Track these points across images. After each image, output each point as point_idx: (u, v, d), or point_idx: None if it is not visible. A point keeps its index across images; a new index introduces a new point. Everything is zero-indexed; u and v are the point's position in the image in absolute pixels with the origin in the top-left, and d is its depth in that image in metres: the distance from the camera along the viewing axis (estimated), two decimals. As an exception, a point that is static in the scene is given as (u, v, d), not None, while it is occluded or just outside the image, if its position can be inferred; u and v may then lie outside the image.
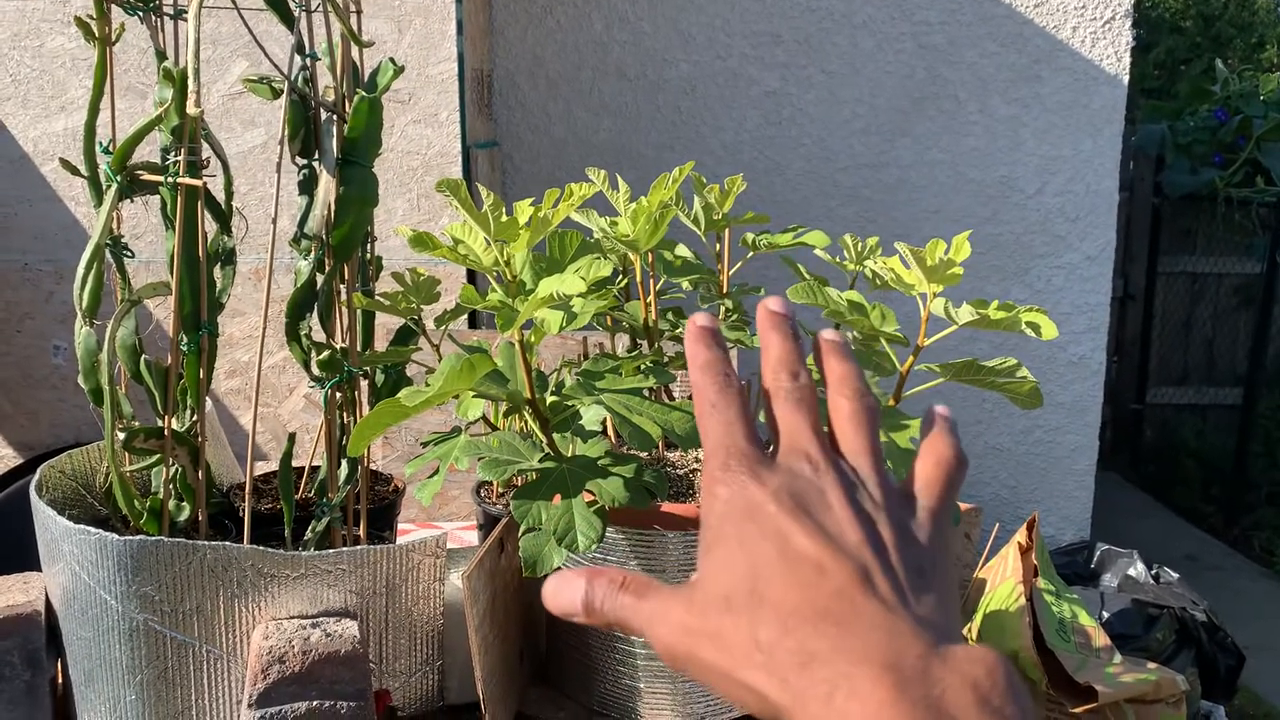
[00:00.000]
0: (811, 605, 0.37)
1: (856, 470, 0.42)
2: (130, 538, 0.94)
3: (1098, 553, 2.80)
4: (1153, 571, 2.68)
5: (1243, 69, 5.46)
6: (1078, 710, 1.80)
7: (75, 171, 1.03)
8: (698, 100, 2.93)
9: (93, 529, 0.96)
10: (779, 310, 0.45)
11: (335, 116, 1.07)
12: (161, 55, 1.06)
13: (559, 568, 0.94)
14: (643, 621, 0.42)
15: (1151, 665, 2.04)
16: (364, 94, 1.04)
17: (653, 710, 1.08)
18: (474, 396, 0.98)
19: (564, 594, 0.43)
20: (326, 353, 1.07)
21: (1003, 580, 2.13)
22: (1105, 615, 2.42)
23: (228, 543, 0.97)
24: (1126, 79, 2.98)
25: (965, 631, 1.53)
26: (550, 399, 0.98)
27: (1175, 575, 2.67)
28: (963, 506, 1.39)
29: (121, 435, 1.02)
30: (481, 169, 2.39)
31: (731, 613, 0.39)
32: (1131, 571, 2.70)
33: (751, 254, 1.21)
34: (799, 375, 0.44)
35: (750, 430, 0.43)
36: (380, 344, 1.26)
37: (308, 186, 1.08)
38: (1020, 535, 2.17)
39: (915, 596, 0.38)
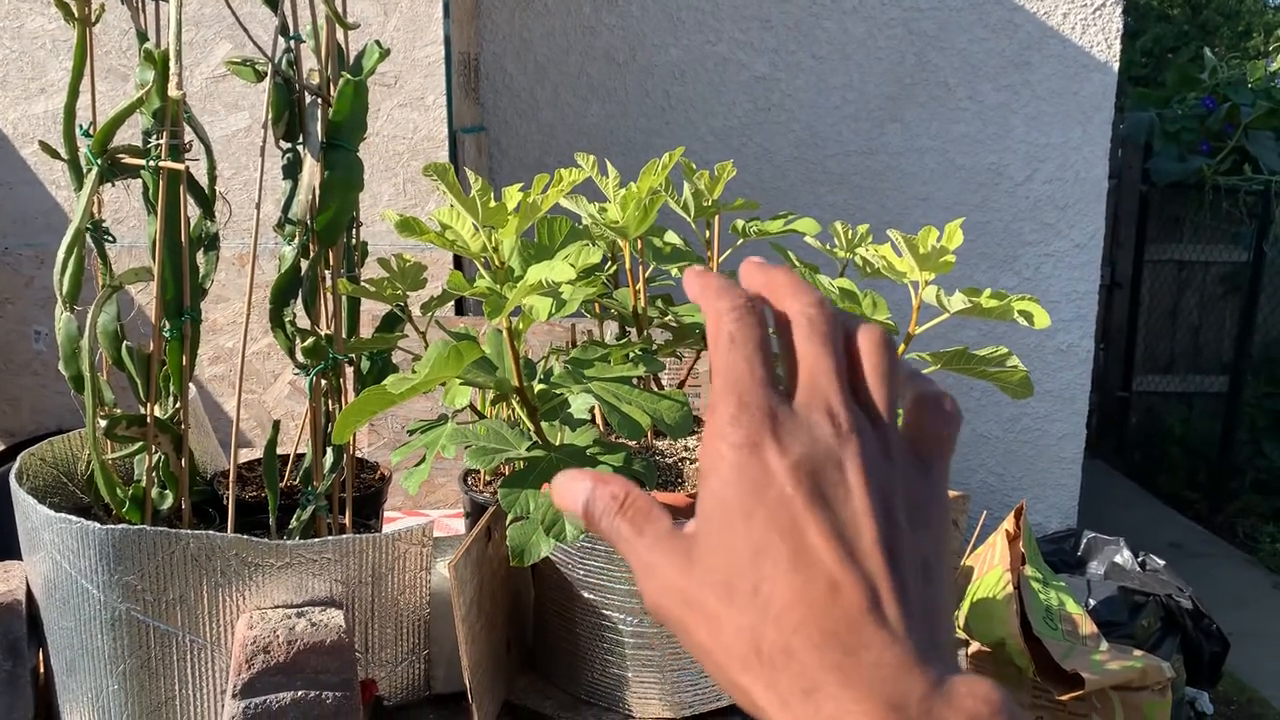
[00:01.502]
0: (819, 626, 0.36)
1: (874, 425, 0.39)
2: (112, 526, 0.93)
3: (1084, 540, 2.81)
4: (1139, 559, 2.69)
5: (1229, 57, 5.47)
6: (1064, 698, 1.80)
7: (55, 154, 1.01)
8: (687, 85, 2.91)
9: (74, 517, 0.94)
10: (764, 262, 0.42)
11: (320, 100, 1.05)
12: (143, 37, 1.04)
13: (546, 556, 0.93)
14: (634, 561, 0.39)
15: (1137, 652, 2.05)
16: (349, 77, 1.03)
17: (640, 699, 1.08)
18: (461, 384, 0.97)
19: (567, 495, 0.41)
20: (311, 339, 1.06)
21: (990, 568, 2.13)
22: (1092, 603, 2.43)
23: (211, 531, 0.96)
24: (1116, 66, 2.98)
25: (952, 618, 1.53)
26: (538, 387, 0.97)
27: (1161, 563, 2.68)
28: (951, 494, 1.38)
29: (103, 422, 1.00)
30: (468, 154, 2.37)
31: (733, 605, 0.37)
32: (1118, 559, 2.71)
33: (741, 241, 1.20)
34: (824, 302, 0.39)
35: (770, 372, 0.38)
36: (366, 330, 1.25)
37: (292, 171, 1.07)
38: (1008, 523, 2.17)
39: (920, 608, 0.37)
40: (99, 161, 0.97)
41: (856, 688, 0.35)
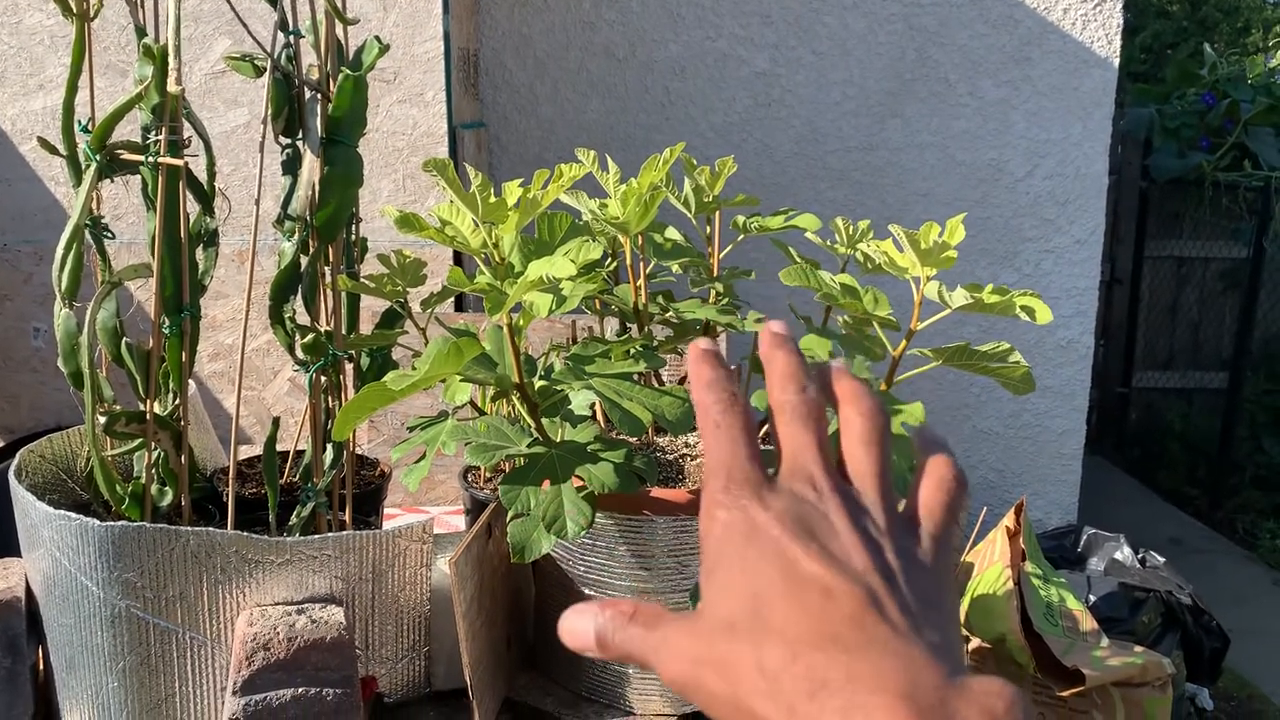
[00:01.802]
0: (819, 631, 0.36)
1: (862, 495, 0.41)
2: (112, 523, 0.93)
3: (1085, 536, 2.81)
4: (1139, 555, 2.69)
5: (1229, 53, 5.46)
6: (1065, 694, 1.80)
7: (54, 150, 1.00)
8: (687, 81, 2.90)
9: (73, 514, 0.94)
10: (783, 331, 0.44)
11: (319, 95, 1.05)
12: (141, 32, 1.04)
13: (547, 553, 0.93)
14: (649, 652, 0.40)
15: (1138, 648, 2.05)
16: (348, 72, 1.02)
17: (641, 696, 1.07)
18: (461, 381, 0.96)
19: (578, 629, 0.42)
20: (311, 335, 1.06)
21: (990, 564, 2.13)
22: (1092, 599, 2.43)
23: (211, 528, 0.96)
24: (1117, 62, 2.97)
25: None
26: (539, 383, 0.97)
27: (1161, 559, 2.68)
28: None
29: (102, 419, 1.00)
30: (468, 149, 2.37)
31: (735, 639, 0.37)
32: (1118, 555, 2.70)
33: (742, 237, 1.20)
34: (806, 389, 0.43)
35: (754, 451, 0.41)
36: (366, 327, 1.25)
37: (291, 166, 1.06)
38: (1008, 519, 2.17)
39: (925, 621, 0.37)
40: (97, 157, 0.97)
41: (865, 680, 0.34)
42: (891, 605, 0.36)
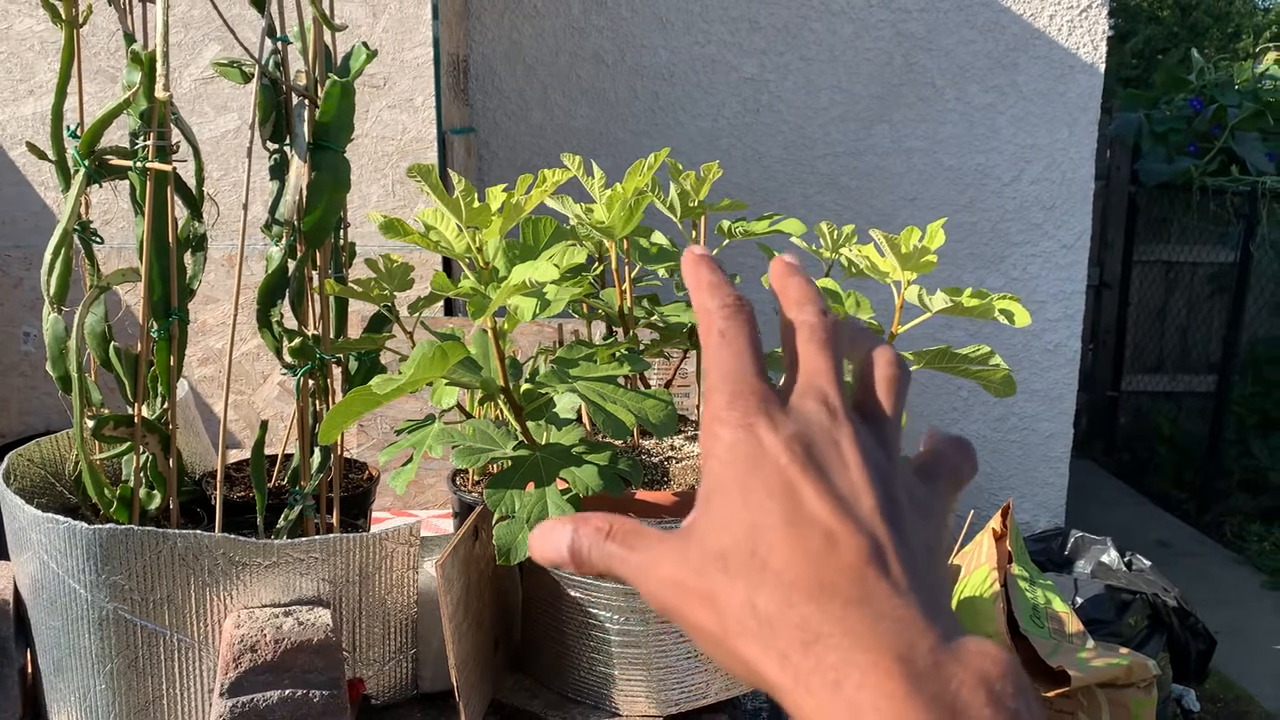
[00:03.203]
0: (818, 579, 0.34)
1: (875, 433, 0.39)
2: (100, 526, 0.93)
3: (1071, 539, 2.82)
4: (1125, 558, 2.70)
5: (1219, 58, 5.49)
6: (1051, 694, 1.81)
7: (42, 156, 1.01)
8: (676, 86, 2.92)
9: (61, 517, 0.95)
10: (795, 261, 0.43)
11: (307, 101, 1.06)
12: (130, 38, 1.04)
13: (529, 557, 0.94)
14: (630, 572, 0.39)
15: (1124, 650, 2.07)
16: (336, 78, 1.03)
17: (628, 697, 1.08)
18: (447, 384, 0.97)
19: (549, 542, 0.40)
20: (298, 340, 1.07)
21: (977, 566, 2.14)
22: (1078, 601, 2.44)
23: (199, 531, 0.96)
24: (1103, 68, 2.99)
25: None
26: (524, 387, 0.98)
27: (1148, 562, 2.70)
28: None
29: (90, 423, 1.01)
30: (458, 155, 2.38)
31: (728, 574, 0.36)
32: (1105, 558, 2.72)
33: (727, 241, 1.21)
34: (826, 312, 0.41)
35: (761, 364, 0.39)
36: (355, 331, 1.25)
37: (279, 172, 1.07)
38: (995, 522, 2.18)
39: (925, 577, 0.36)
40: (86, 163, 0.98)
41: (861, 637, 0.33)
42: (893, 559, 0.35)
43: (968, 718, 0.32)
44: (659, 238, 1.19)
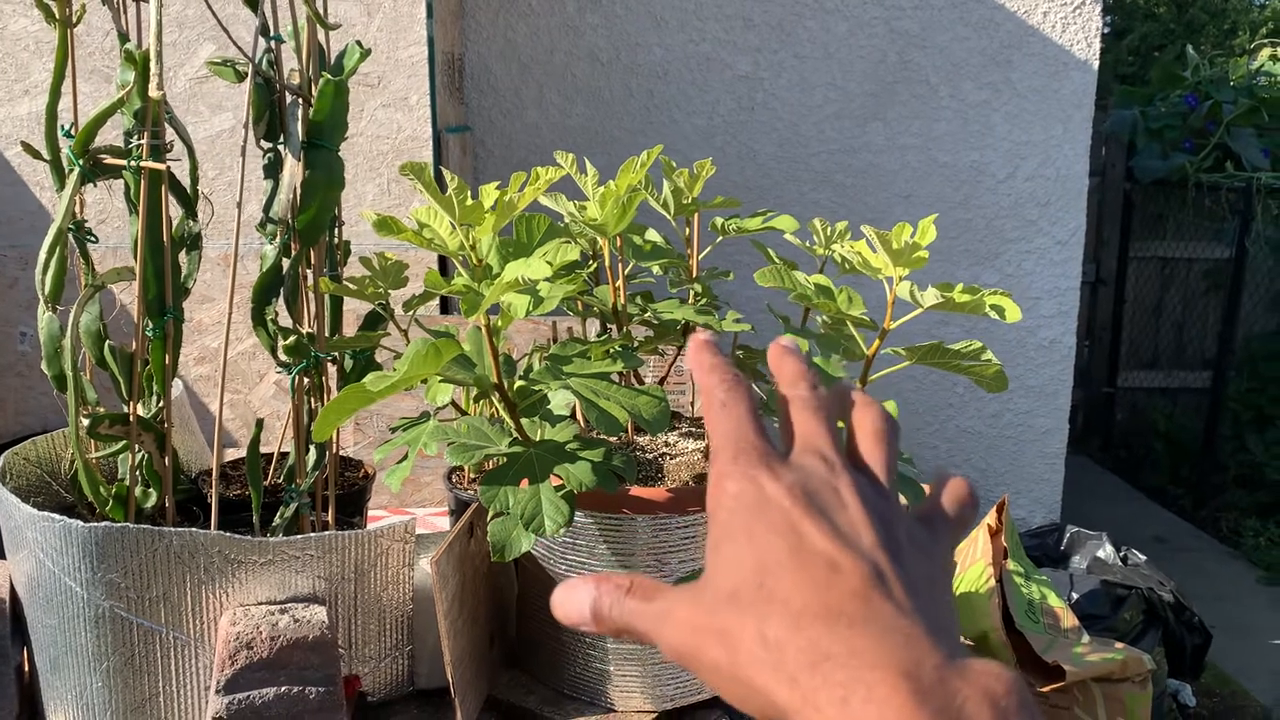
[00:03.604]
0: (824, 604, 0.36)
1: (872, 482, 0.41)
2: (95, 524, 0.94)
3: (1067, 535, 2.83)
4: (1121, 553, 2.71)
5: (1215, 55, 5.50)
6: (1046, 689, 1.82)
7: (37, 155, 1.01)
8: (670, 84, 2.92)
9: (57, 516, 0.95)
10: (791, 344, 0.45)
11: (301, 100, 1.06)
12: (124, 38, 1.05)
13: (528, 551, 0.94)
14: (650, 624, 0.40)
15: (1119, 645, 2.07)
16: (329, 77, 1.03)
17: (623, 693, 1.09)
18: (441, 381, 0.98)
19: (571, 603, 0.42)
20: (293, 338, 1.07)
21: (973, 562, 2.15)
22: (1074, 596, 2.44)
23: (194, 529, 0.96)
24: (1097, 64, 3.00)
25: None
26: (518, 384, 0.98)
27: (1143, 557, 2.70)
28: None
29: (86, 421, 1.01)
30: (453, 153, 2.38)
31: (738, 610, 0.37)
32: (1100, 553, 2.73)
33: (721, 238, 1.21)
34: (817, 387, 0.43)
35: (760, 426, 0.42)
36: (350, 329, 1.26)
37: (273, 170, 1.07)
38: (990, 518, 2.19)
39: (928, 602, 0.37)
40: (80, 162, 0.98)
41: (867, 654, 0.34)
42: (896, 583, 0.37)
43: None
44: (653, 235, 1.19)
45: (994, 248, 3.08)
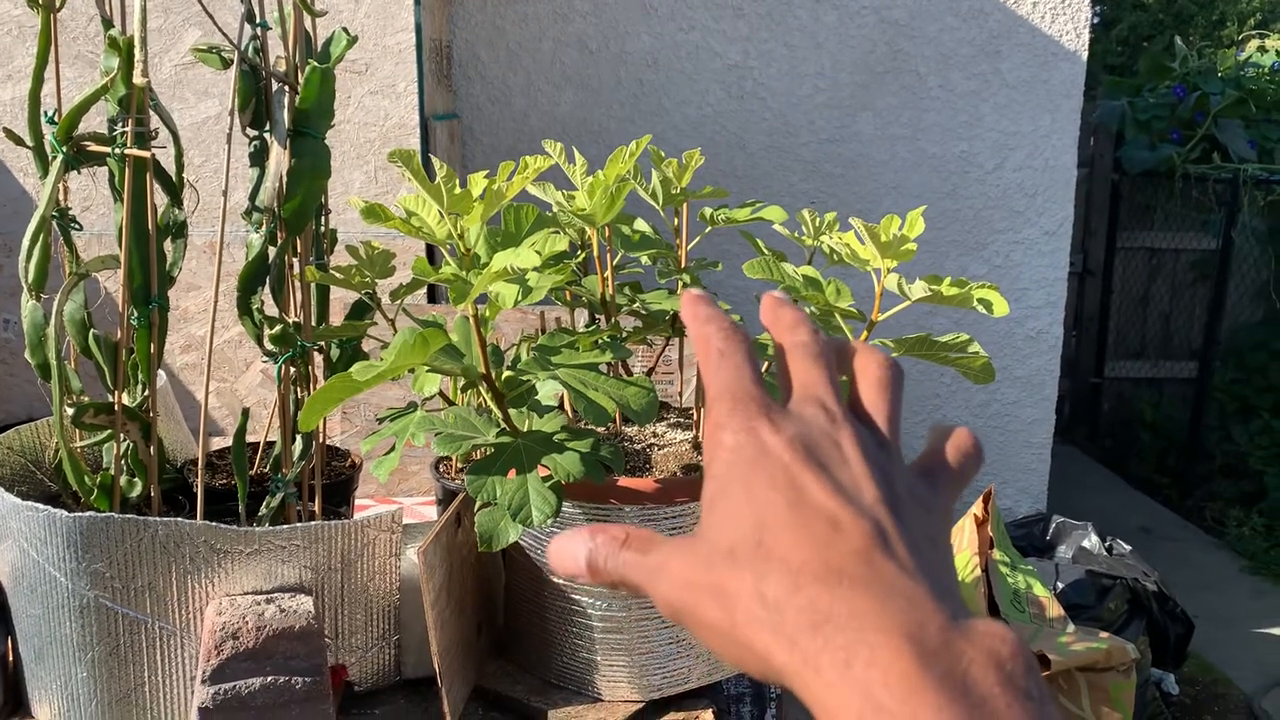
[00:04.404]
0: (824, 563, 0.35)
1: (874, 433, 0.40)
2: (80, 514, 0.93)
3: (1053, 525, 2.85)
4: (1106, 543, 2.73)
5: (1203, 46, 5.51)
6: (1031, 679, 1.83)
7: (20, 141, 1.00)
8: (660, 73, 2.91)
9: (41, 505, 0.94)
10: (784, 296, 0.44)
11: (287, 87, 1.05)
12: (108, 23, 1.04)
13: (515, 541, 0.94)
14: (644, 576, 0.39)
15: (1103, 634, 2.08)
16: (315, 64, 1.03)
17: (610, 682, 1.09)
18: (428, 371, 0.97)
19: (566, 554, 0.41)
20: (279, 327, 1.06)
21: (959, 552, 2.15)
22: (1059, 586, 2.46)
23: (180, 518, 0.96)
24: (1086, 55, 3.00)
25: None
26: (506, 374, 0.98)
27: (1128, 547, 2.72)
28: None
29: (70, 410, 1.00)
30: (440, 141, 2.37)
31: (735, 566, 0.36)
32: (1086, 543, 2.74)
33: (710, 228, 1.21)
34: (817, 333, 0.42)
35: (759, 376, 0.40)
36: (337, 318, 1.25)
37: (259, 158, 1.07)
38: (976, 508, 2.20)
39: (930, 562, 0.36)
40: (64, 149, 0.97)
41: (869, 616, 0.33)
42: (899, 542, 0.36)
43: (978, 695, 0.32)
44: (641, 225, 1.19)
45: (982, 238, 3.09)
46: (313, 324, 1.12)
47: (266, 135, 1.06)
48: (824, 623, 0.34)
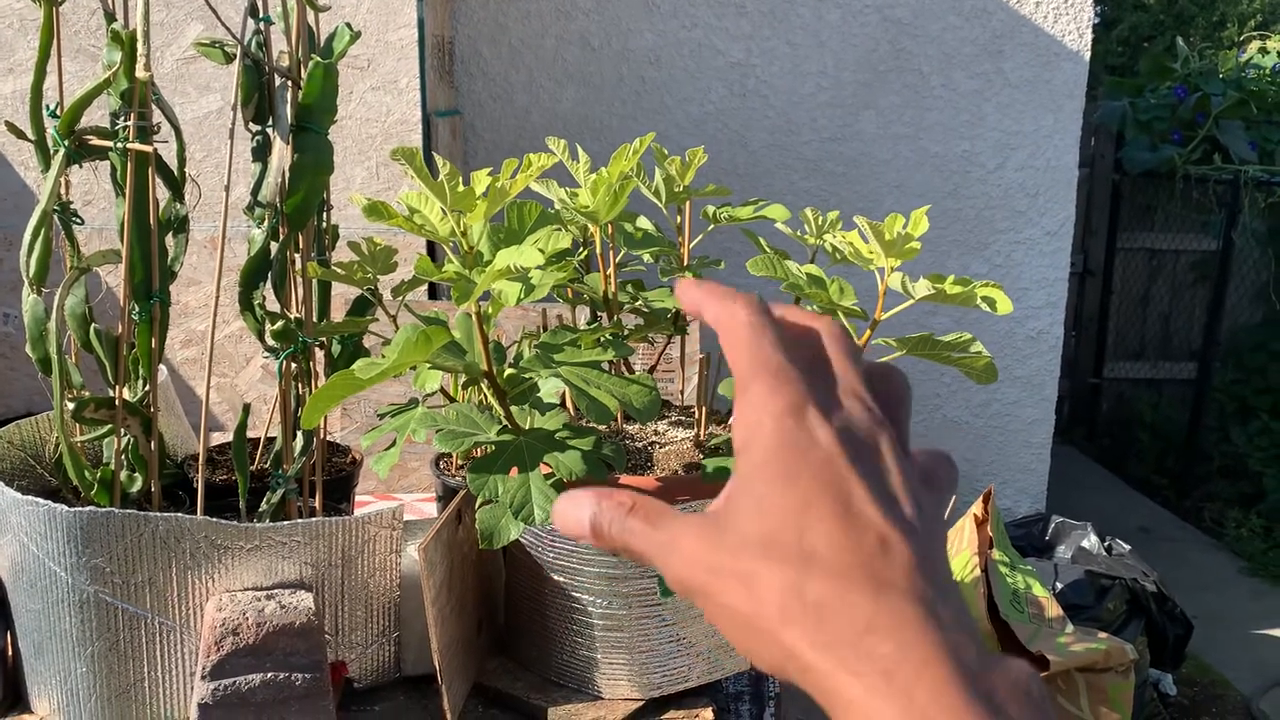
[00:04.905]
0: (873, 576, 0.35)
1: (901, 440, 0.40)
2: (80, 509, 0.93)
3: (1052, 525, 2.85)
4: (1105, 543, 2.73)
5: (1204, 47, 5.50)
6: (1030, 679, 1.83)
7: (21, 135, 1.00)
8: (662, 71, 2.91)
9: (42, 500, 0.94)
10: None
11: (290, 82, 1.05)
12: (110, 17, 1.03)
13: (516, 539, 0.94)
14: (654, 550, 0.39)
15: (1102, 635, 2.08)
16: (319, 60, 1.02)
17: (610, 680, 1.09)
18: (431, 368, 0.97)
19: (570, 515, 0.40)
20: (281, 322, 1.06)
21: (958, 552, 2.15)
22: (1059, 586, 2.46)
23: (180, 514, 0.96)
24: (1088, 55, 3.00)
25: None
26: (508, 371, 0.97)
27: (1127, 547, 2.72)
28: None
29: (71, 405, 1.00)
30: (442, 137, 2.36)
31: (771, 560, 0.36)
32: (1085, 543, 2.74)
33: (712, 227, 1.21)
34: (838, 323, 0.41)
35: (792, 354, 0.39)
36: (338, 314, 1.25)
37: (261, 153, 1.06)
38: (976, 508, 2.20)
39: (952, 589, 0.37)
40: (65, 143, 0.97)
41: (915, 632, 0.34)
42: (934, 568, 0.36)
43: (1009, 717, 0.33)
44: (644, 223, 1.19)
45: (983, 238, 3.09)
46: (314, 320, 1.12)
47: (269, 130, 1.06)
48: (869, 632, 0.34)
